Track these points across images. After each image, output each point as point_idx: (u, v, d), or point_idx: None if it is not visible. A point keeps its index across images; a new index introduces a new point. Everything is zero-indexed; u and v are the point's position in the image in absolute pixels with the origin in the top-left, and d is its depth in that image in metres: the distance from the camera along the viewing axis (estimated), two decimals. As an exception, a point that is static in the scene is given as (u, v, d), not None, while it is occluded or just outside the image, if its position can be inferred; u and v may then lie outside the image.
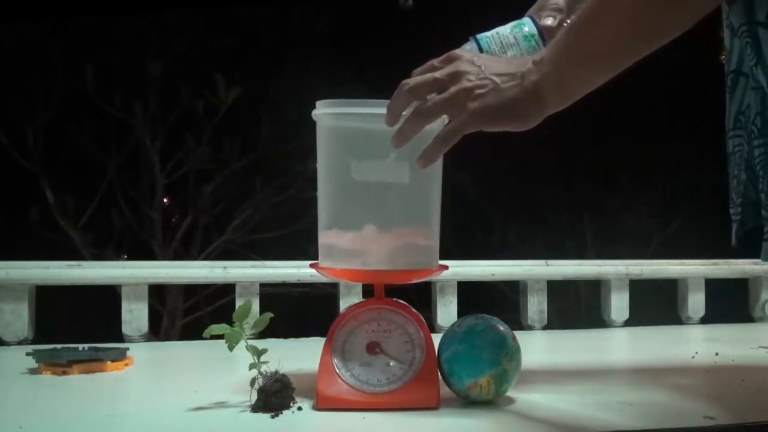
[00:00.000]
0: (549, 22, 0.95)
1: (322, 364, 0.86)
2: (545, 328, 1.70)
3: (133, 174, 4.26)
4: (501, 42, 0.94)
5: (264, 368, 0.84)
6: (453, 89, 0.81)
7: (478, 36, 0.96)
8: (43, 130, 4.02)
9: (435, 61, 0.85)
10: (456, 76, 0.82)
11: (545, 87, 0.80)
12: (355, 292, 1.57)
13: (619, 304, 1.74)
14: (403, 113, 0.84)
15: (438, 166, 0.90)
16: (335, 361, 0.86)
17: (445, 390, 0.88)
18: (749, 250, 0.87)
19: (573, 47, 0.79)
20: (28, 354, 1.13)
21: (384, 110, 0.85)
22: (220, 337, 0.85)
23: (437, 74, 0.83)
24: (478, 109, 0.80)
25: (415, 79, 0.84)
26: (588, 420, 0.83)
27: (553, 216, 4.99)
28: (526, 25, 0.96)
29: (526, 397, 0.91)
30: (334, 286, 1.62)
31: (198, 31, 4.24)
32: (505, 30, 0.96)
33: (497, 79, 0.81)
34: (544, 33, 0.95)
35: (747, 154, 0.86)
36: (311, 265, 0.93)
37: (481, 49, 0.94)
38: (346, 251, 0.89)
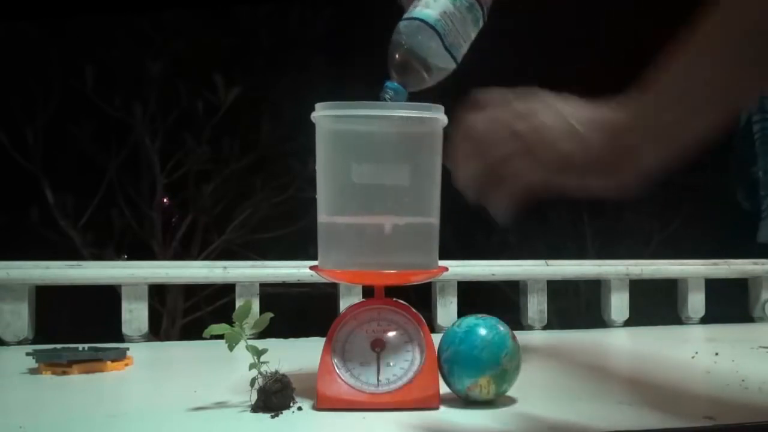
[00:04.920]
0: None
1: (322, 364, 0.86)
2: (545, 328, 1.70)
3: (133, 174, 4.26)
4: (452, 20, 0.91)
5: (264, 368, 0.84)
6: (532, 143, 0.69)
7: (425, 18, 0.90)
8: (43, 130, 4.02)
9: (510, 97, 0.72)
10: (538, 129, 0.69)
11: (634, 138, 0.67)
12: (355, 292, 1.57)
13: (619, 304, 1.74)
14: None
15: (437, 167, 0.90)
16: (335, 361, 0.86)
17: (445, 390, 0.88)
18: None
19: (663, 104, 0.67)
20: (28, 354, 1.13)
21: (383, 112, 0.84)
22: (220, 337, 0.85)
23: (519, 127, 0.70)
24: (558, 167, 0.68)
25: (486, 129, 0.71)
26: (588, 420, 0.83)
27: (553, 216, 4.99)
28: None
29: (526, 397, 0.91)
30: (334, 286, 1.62)
31: (198, 31, 4.24)
32: (447, 6, 0.91)
33: (581, 128, 0.69)
34: (482, 3, 0.93)
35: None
36: (311, 268, 0.93)
37: (438, 34, 0.89)
38: (346, 253, 0.89)
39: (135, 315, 1.49)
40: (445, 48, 0.91)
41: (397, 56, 0.90)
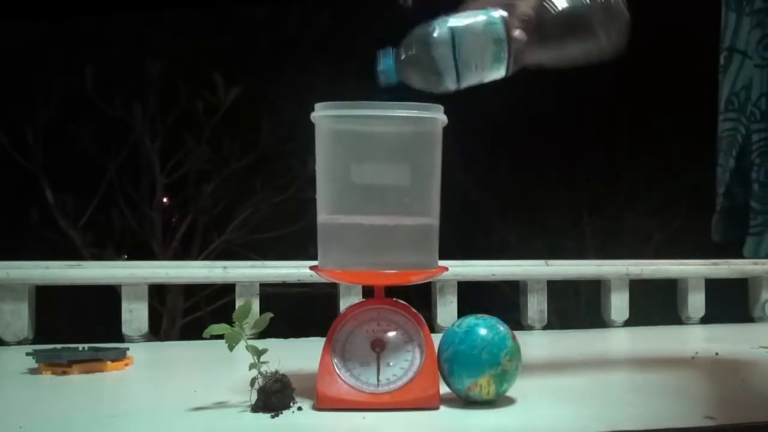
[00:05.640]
0: (518, 34, 0.89)
1: (322, 364, 0.86)
2: (545, 328, 1.70)
3: (133, 174, 4.26)
4: (471, 42, 0.88)
5: (264, 368, 0.84)
6: None
7: (450, 24, 0.88)
8: (43, 130, 4.03)
9: None
10: None
11: None
12: (355, 292, 1.57)
13: (619, 304, 1.74)
14: None
15: (437, 167, 0.90)
16: (335, 361, 0.86)
17: (445, 390, 0.88)
18: (732, 245, 0.84)
19: None
20: (28, 354, 1.13)
21: (383, 112, 0.84)
22: (220, 337, 0.85)
23: None
24: None
25: None
26: (588, 420, 0.83)
27: (553, 216, 4.99)
28: (499, 24, 0.89)
29: (526, 397, 0.91)
30: (334, 286, 1.62)
31: (198, 31, 4.24)
32: (477, 26, 0.89)
33: None
34: (510, 45, 0.89)
35: (742, 138, 0.83)
36: (311, 268, 0.93)
37: (453, 41, 0.88)
38: (346, 253, 0.89)
39: (135, 315, 1.49)
40: (454, 59, 0.88)
41: (415, 45, 0.89)
